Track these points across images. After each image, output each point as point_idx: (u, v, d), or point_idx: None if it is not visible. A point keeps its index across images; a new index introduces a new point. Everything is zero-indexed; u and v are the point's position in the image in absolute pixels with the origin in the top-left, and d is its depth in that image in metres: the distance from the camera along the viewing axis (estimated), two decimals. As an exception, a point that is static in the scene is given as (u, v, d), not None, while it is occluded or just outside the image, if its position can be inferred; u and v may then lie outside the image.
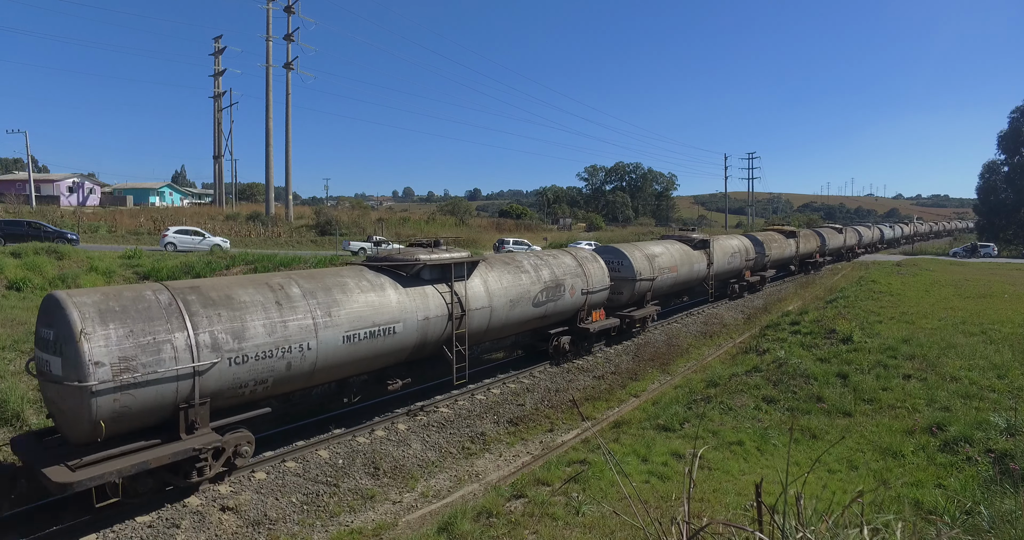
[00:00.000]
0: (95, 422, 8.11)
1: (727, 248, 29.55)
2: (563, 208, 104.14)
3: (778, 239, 36.83)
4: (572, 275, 17.69)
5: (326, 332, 10.78)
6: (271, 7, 49.19)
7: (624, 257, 21.35)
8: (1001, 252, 59.77)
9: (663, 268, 23.02)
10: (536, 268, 16.65)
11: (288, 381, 10.45)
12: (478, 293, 14.34)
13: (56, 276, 22.88)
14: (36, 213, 44.27)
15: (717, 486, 8.68)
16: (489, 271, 15.16)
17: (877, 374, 13.74)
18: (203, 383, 9.12)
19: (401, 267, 13.07)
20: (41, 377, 8.76)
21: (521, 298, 15.63)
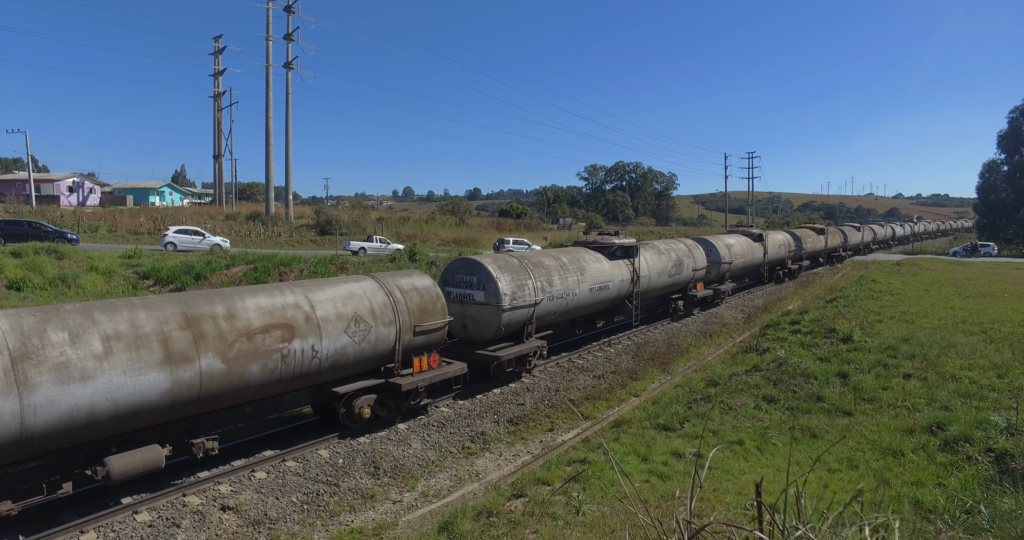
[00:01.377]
0: (500, 328, 15.09)
1: (776, 241, 35.48)
2: (563, 207, 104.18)
3: (811, 235, 42.01)
4: (687, 257, 24.43)
5: (582, 285, 18.13)
6: (271, 7, 49.19)
7: (712, 246, 27.89)
8: (1001, 251, 59.79)
9: (737, 255, 29.59)
10: (668, 251, 23.50)
11: (564, 314, 18.02)
12: (642, 266, 21.26)
13: (56, 276, 22.89)
14: (36, 213, 44.30)
15: (717, 485, 8.69)
16: (645, 252, 22.08)
17: (877, 373, 13.75)
18: (536, 311, 16.14)
19: (604, 248, 20.35)
20: (461, 304, 15.31)
21: (662, 271, 22.60)
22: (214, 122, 62.81)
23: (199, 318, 9.54)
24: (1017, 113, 64.50)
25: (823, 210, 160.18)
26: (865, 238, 59.16)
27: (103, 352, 8.41)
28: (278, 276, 25.98)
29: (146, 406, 8.82)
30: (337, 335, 11.13)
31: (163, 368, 8.88)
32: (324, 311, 11.08)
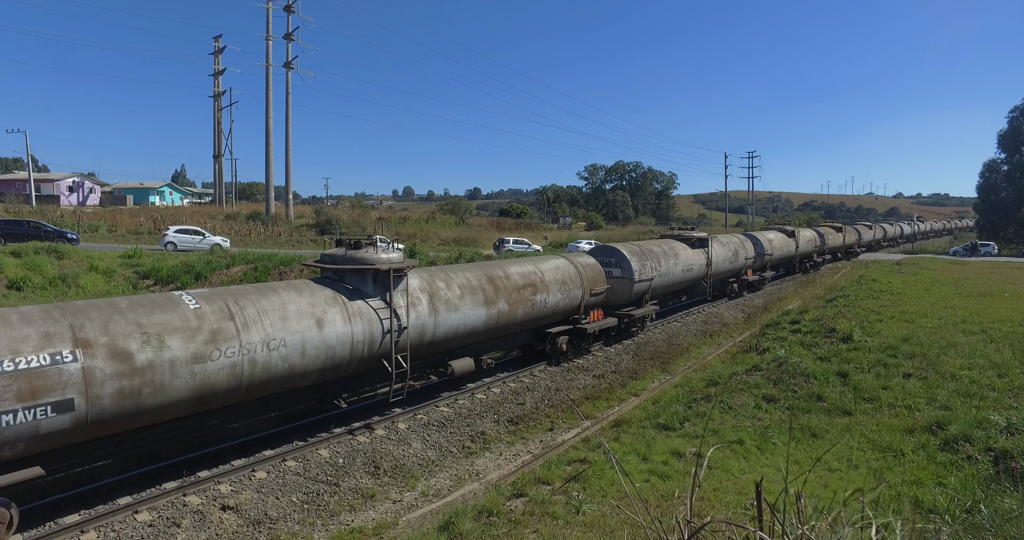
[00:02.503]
0: (631, 295, 20.31)
1: (805, 237, 41.01)
2: (563, 207, 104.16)
3: (832, 232, 47.94)
4: (741, 248, 30.16)
5: (677, 267, 23.65)
6: (271, 6, 49.18)
7: (758, 240, 33.07)
8: (1001, 251, 59.79)
9: (776, 247, 34.88)
10: (728, 243, 29.25)
11: (666, 288, 23.35)
12: (713, 254, 26.76)
13: (56, 275, 22.89)
14: (36, 213, 44.30)
15: (717, 485, 8.69)
16: (714, 243, 27.55)
17: (877, 373, 13.75)
18: (652, 284, 21.44)
19: (687, 239, 25.83)
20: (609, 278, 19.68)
21: (726, 259, 28.48)
22: (214, 122, 62.83)
23: (494, 278, 15.20)
24: (1017, 113, 64.51)
25: (823, 210, 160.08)
26: (876, 235, 65.11)
27: (460, 295, 13.83)
28: (278, 275, 25.99)
29: (474, 330, 14.24)
30: (554, 292, 16.87)
31: (484, 306, 14.33)
32: (548, 277, 16.91)
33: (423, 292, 13.03)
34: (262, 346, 9.85)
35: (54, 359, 7.75)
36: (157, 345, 8.65)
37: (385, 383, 12.57)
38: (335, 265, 12.24)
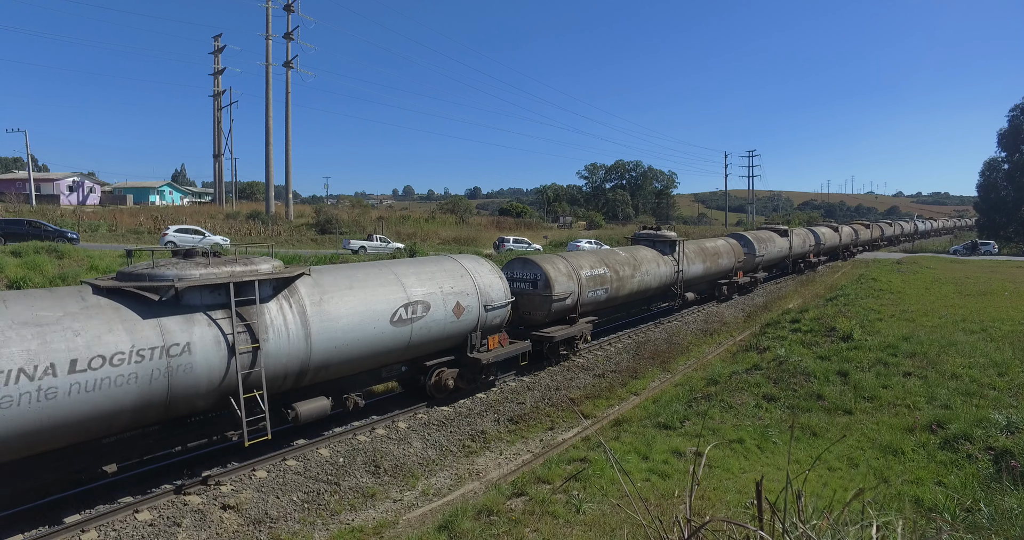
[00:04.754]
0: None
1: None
2: (563, 206, 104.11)
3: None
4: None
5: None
6: (271, 6, 49.15)
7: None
8: (1001, 250, 59.76)
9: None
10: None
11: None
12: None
13: (56, 275, 22.86)
14: (36, 212, 44.28)
15: (718, 484, 8.69)
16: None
17: (877, 372, 13.75)
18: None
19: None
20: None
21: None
22: (214, 121, 62.80)
23: (607, 261, 20.29)
24: (1017, 112, 64.43)
25: (823, 209, 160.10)
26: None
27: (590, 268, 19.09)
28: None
29: (638, 293, 21.50)
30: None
31: (617, 281, 19.99)
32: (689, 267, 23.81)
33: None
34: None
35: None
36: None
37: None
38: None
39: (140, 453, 9.63)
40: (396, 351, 12.31)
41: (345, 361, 11.26)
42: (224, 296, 9.47)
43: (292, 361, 10.30)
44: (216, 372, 9.22)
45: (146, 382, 8.42)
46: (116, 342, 8.15)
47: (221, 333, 9.29)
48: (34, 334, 7.53)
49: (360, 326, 11.30)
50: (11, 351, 7.25)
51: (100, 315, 8.25)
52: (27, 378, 7.31)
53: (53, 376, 7.52)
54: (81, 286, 8.91)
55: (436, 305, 12.85)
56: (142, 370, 8.36)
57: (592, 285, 18.84)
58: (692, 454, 10.00)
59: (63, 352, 7.64)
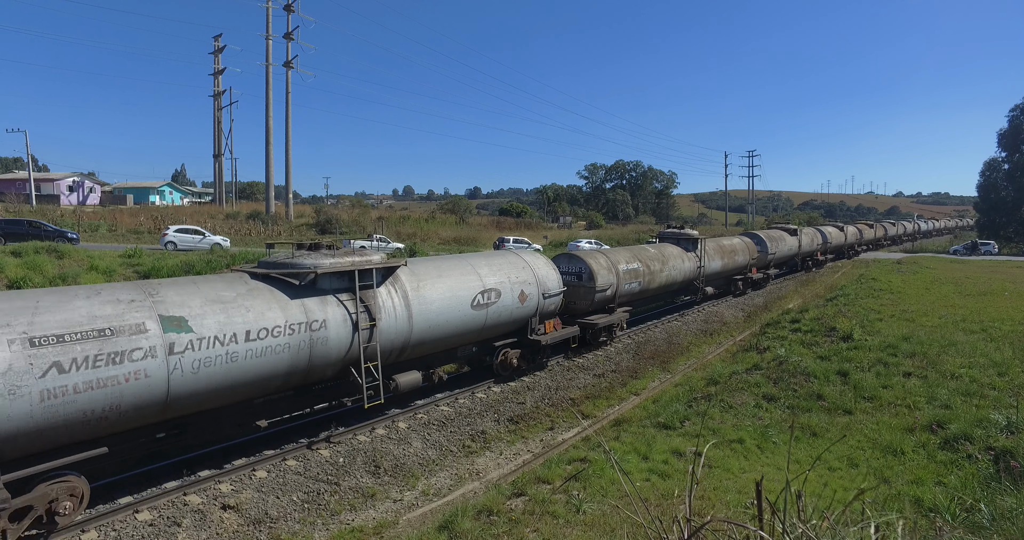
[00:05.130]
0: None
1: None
2: (563, 206, 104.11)
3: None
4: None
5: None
6: (271, 5, 49.16)
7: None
8: (1001, 250, 59.78)
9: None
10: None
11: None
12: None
13: (56, 275, 22.85)
14: (36, 212, 44.29)
15: (718, 484, 8.69)
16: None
17: (877, 372, 13.74)
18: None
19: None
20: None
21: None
22: (214, 121, 62.82)
23: (639, 257, 22.00)
24: (1017, 112, 64.45)
25: (823, 209, 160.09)
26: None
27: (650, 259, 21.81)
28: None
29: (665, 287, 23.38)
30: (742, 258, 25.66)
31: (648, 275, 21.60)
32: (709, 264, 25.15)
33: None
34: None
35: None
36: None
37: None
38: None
39: (281, 412, 11.30)
40: (473, 332, 14.16)
41: (435, 339, 13.12)
42: (347, 281, 11.19)
43: (397, 338, 12.09)
44: (344, 345, 10.96)
45: (295, 351, 10.16)
46: (274, 318, 9.92)
47: (347, 312, 11.02)
48: (221, 309, 9.34)
49: (448, 309, 13.07)
50: (208, 322, 9.10)
51: (261, 296, 10.03)
52: (219, 344, 9.13)
53: (235, 343, 9.30)
54: (239, 273, 10.73)
55: (505, 292, 14.65)
56: (292, 341, 10.10)
57: (628, 278, 20.68)
58: (692, 454, 10.00)
59: (240, 324, 9.44)
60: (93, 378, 7.88)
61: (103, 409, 8.08)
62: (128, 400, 8.27)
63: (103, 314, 8.27)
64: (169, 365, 8.57)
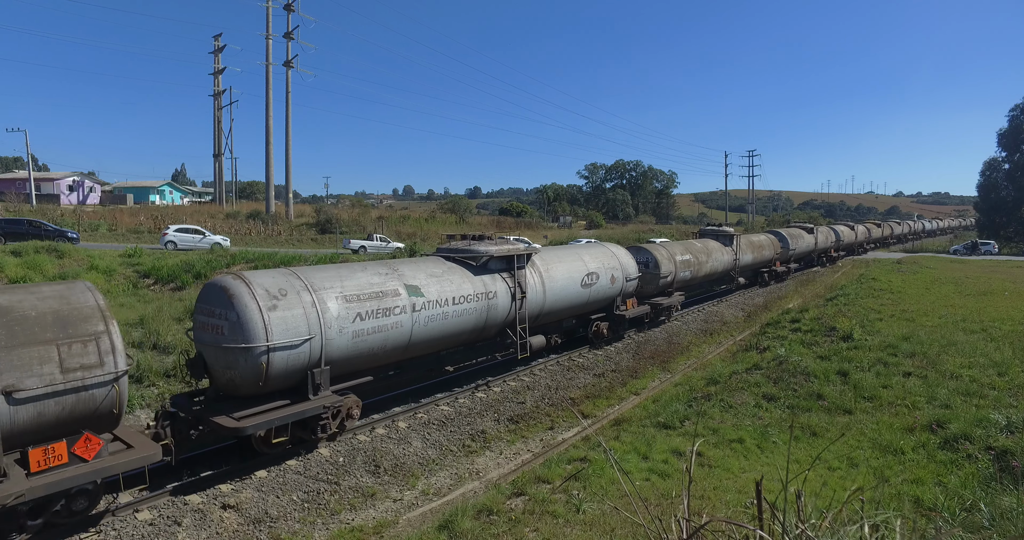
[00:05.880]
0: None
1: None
2: (563, 206, 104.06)
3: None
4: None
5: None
6: (271, 5, 49.12)
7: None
8: (1002, 250, 59.75)
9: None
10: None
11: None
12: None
13: (56, 274, 22.85)
14: (36, 212, 44.28)
15: (718, 483, 8.69)
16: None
17: (877, 372, 13.75)
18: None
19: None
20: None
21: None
22: (214, 121, 62.79)
23: (690, 250, 25.52)
24: (1017, 111, 64.39)
25: (823, 208, 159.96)
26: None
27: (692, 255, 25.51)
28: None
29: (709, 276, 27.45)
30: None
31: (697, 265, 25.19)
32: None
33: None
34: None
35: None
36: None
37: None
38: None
39: (456, 362, 15.38)
40: (580, 306, 17.98)
41: (558, 310, 17.04)
42: (505, 264, 15.06)
43: (535, 307, 15.93)
44: (506, 310, 14.85)
45: (478, 314, 13.99)
46: (467, 288, 13.76)
47: (508, 286, 14.91)
48: (436, 281, 13.17)
49: (567, 286, 17.07)
50: (431, 289, 12.86)
51: (457, 272, 13.94)
52: (438, 305, 12.87)
53: (447, 306, 13.08)
54: (436, 256, 14.80)
55: (602, 275, 18.47)
56: (477, 306, 13.93)
57: (682, 267, 24.47)
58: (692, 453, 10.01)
59: (449, 292, 13.24)
60: (375, 325, 11.59)
61: (379, 348, 11.81)
62: (391, 342, 11.97)
63: (375, 282, 11.97)
64: (412, 319, 12.29)
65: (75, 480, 7.68)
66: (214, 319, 10.17)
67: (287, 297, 10.50)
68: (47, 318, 7.84)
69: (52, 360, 7.63)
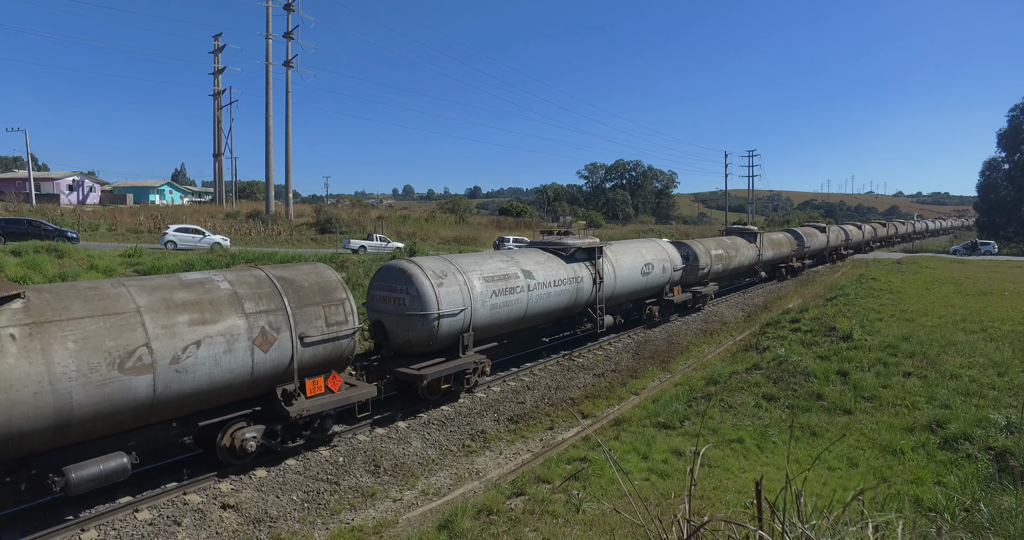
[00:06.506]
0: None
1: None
2: (563, 206, 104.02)
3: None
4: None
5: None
6: (271, 5, 49.11)
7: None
8: (1001, 250, 59.75)
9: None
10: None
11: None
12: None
13: (56, 274, 22.84)
14: (36, 211, 44.26)
15: (718, 483, 8.69)
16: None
17: (877, 372, 13.74)
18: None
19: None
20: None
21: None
22: (214, 120, 62.79)
23: (722, 245, 28.91)
24: (1017, 112, 64.38)
25: (823, 208, 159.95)
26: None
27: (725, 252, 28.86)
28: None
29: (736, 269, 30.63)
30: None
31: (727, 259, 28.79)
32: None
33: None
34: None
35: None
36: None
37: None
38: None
39: (547, 334, 19.31)
40: (639, 291, 21.40)
41: (623, 295, 20.32)
42: (586, 254, 18.41)
43: (607, 291, 19.07)
44: (588, 293, 18.15)
45: (569, 295, 17.31)
46: (562, 273, 17.11)
47: (590, 273, 18.17)
48: (541, 267, 16.59)
49: (631, 274, 20.43)
50: (539, 273, 16.17)
51: (553, 261, 17.30)
52: (544, 287, 16.19)
53: (551, 287, 16.49)
54: (535, 247, 18.42)
55: (656, 265, 21.78)
56: (569, 288, 17.22)
57: (716, 261, 27.37)
58: (692, 454, 10.01)
59: (551, 276, 16.62)
60: (504, 300, 14.75)
61: (504, 319, 15.06)
62: (513, 315, 15.19)
63: (501, 266, 15.27)
64: (528, 297, 15.50)
65: (331, 404, 10.77)
66: (395, 293, 13.18)
67: (447, 277, 13.54)
68: (315, 287, 10.68)
69: (321, 317, 10.50)
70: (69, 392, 7.59)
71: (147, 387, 8.29)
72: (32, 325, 7.54)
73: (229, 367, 9.14)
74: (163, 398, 8.53)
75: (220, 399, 9.47)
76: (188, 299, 9.04)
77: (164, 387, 8.47)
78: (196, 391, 8.91)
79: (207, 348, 8.85)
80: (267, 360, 9.62)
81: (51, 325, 7.66)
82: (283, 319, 9.84)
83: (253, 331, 9.40)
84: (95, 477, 8.11)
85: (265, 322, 9.59)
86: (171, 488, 9.52)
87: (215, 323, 9.05)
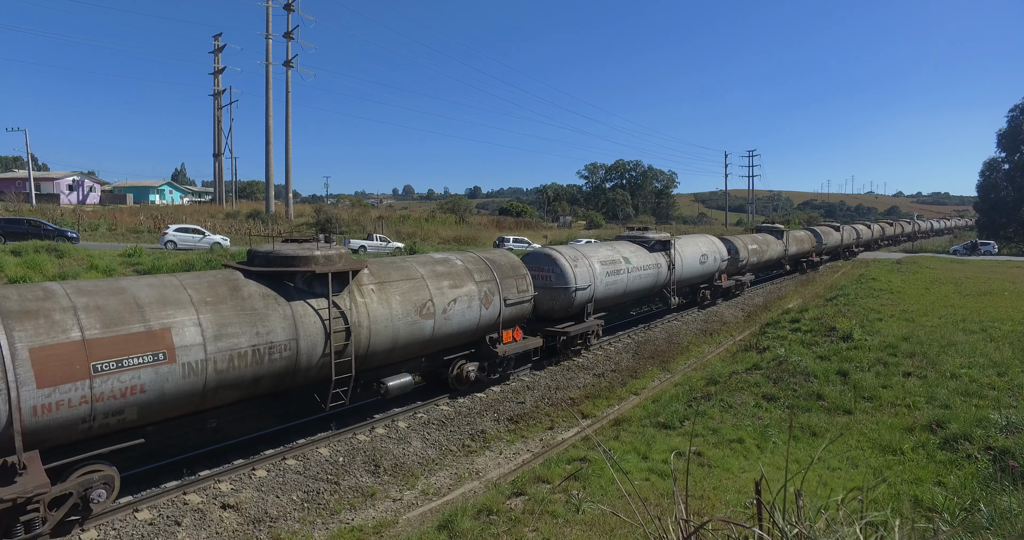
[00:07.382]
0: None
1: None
2: (563, 206, 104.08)
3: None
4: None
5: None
6: (271, 5, 49.12)
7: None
8: (1001, 250, 59.76)
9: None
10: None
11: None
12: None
13: (56, 274, 22.83)
14: (36, 211, 44.26)
15: (717, 483, 8.69)
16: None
17: (877, 372, 13.74)
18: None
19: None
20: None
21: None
22: (214, 120, 62.81)
23: (755, 240, 33.32)
24: (1017, 112, 64.35)
25: (823, 208, 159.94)
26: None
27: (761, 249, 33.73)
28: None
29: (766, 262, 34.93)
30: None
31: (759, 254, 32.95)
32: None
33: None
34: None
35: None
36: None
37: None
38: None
39: (622, 312, 23.95)
40: (697, 277, 25.50)
41: (686, 279, 24.49)
42: (662, 246, 22.59)
43: (677, 275, 23.08)
44: (664, 277, 22.45)
45: (649, 278, 21.33)
46: (646, 261, 21.29)
47: (664, 261, 22.51)
48: (634, 254, 20.85)
49: (692, 263, 24.49)
50: (633, 259, 20.60)
51: (640, 250, 21.50)
52: (637, 269, 20.54)
53: (640, 270, 20.79)
54: (624, 240, 22.50)
55: (710, 257, 26.07)
56: (649, 273, 21.25)
57: (752, 254, 31.23)
58: (692, 453, 10.00)
59: (640, 262, 20.93)
60: (613, 279, 19.10)
61: (612, 294, 19.38)
62: (618, 291, 19.52)
63: (610, 254, 19.64)
64: (627, 277, 19.83)
65: (518, 348, 15.11)
66: (543, 272, 17.23)
67: (579, 261, 17.89)
68: (509, 266, 15.01)
69: (514, 287, 14.72)
70: (397, 327, 11.73)
71: (430, 328, 12.41)
72: (378, 284, 11.76)
73: (468, 318, 13.29)
74: (436, 336, 12.67)
75: (459, 340, 13.61)
76: (445, 271, 13.18)
77: (438, 328, 12.59)
78: (450, 334, 12.99)
79: (459, 304, 12.98)
80: (487, 315, 13.84)
81: (388, 284, 11.89)
82: (495, 287, 14.02)
83: (480, 294, 13.58)
84: (401, 386, 12.21)
85: (486, 288, 13.76)
86: (171, 488, 9.53)
87: (462, 287, 13.21)
